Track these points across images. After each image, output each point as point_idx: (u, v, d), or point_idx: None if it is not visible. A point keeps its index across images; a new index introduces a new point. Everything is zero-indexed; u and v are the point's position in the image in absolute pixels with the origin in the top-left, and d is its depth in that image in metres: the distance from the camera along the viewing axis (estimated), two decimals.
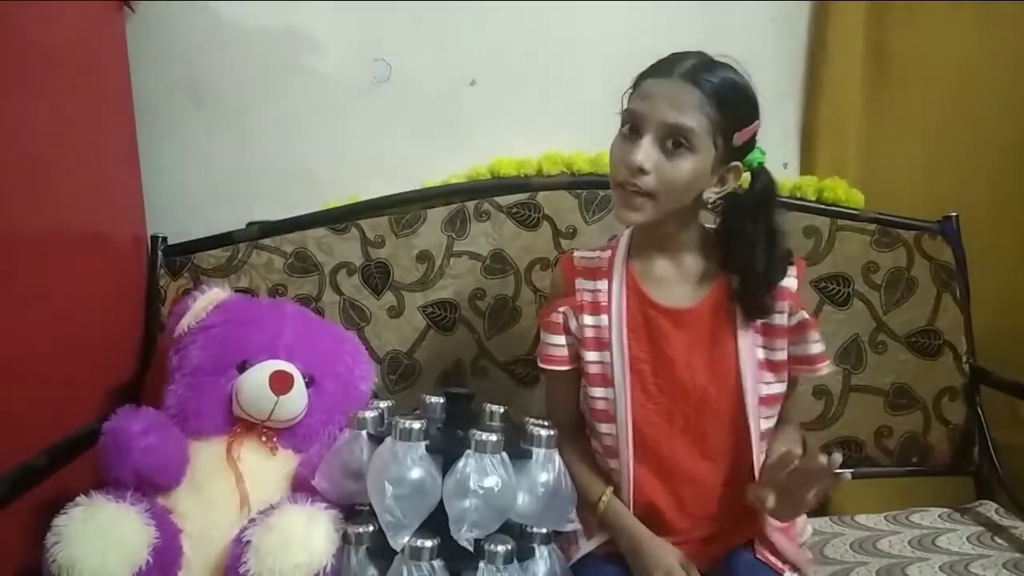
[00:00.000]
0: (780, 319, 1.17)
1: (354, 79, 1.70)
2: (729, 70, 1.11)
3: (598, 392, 1.21)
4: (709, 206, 1.18)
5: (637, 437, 1.18)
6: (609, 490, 1.20)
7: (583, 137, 1.64)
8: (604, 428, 1.21)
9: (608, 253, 1.25)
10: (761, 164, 1.17)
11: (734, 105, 1.11)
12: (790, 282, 1.19)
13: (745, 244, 1.15)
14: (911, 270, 1.66)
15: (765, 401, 1.18)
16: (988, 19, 1.79)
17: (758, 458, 1.17)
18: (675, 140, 1.08)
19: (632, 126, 1.11)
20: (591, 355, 1.21)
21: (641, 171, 1.08)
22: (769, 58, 1.79)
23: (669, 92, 1.09)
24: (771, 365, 1.18)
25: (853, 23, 1.77)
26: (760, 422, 1.18)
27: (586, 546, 1.21)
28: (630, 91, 1.15)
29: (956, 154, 1.83)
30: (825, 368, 1.19)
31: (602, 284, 1.22)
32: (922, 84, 1.81)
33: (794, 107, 1.83)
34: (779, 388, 1.19)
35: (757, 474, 1.16)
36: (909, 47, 1.80)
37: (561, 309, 1.22)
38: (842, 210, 1.66)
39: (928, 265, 1.66)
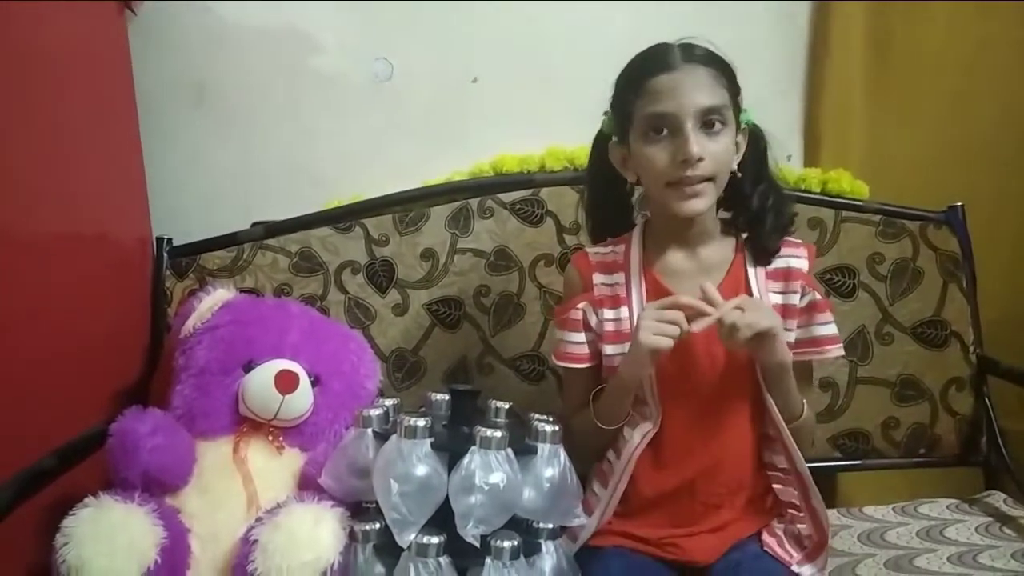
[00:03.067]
0: (793, 299, 1.18)
1: (356, 78, 1.70)
2: (701, 44, 1.15)
3: None
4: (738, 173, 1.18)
5: (659, 428, 1.18)
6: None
7: (586, 132, 1.61)
8: None
9: (622, 247, 1.25)
10: (752, 122, 1.20)
11: (729, 71, 1.15)
12: (802, 263, 1.20)
13: (758, 203, 1.18)
14: (917, 261, 1.65)
15: None
16: (989, 9, 1.78)
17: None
18: (710, 121, 1.10)
19: (657, 127, 1.11)
20: (611, 348, 1.21)
21: (699, 160, 1.09)
22: (771, 52, 1.79)
23: (688, 80, 1.11)
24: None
25: (854, 15, 1.77)
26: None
27: (590, 523, 1.19)
28: (622, 96, 1.16)
29: (960, 143, 1.82)
30: (834, 351, 1.18)
31: (619, 277, 1.22)
32: (924, 75, 1.81)
33: (797, 100, 1.82)
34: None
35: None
36: (911, 38, 1.79)
37: (580, 306, 1.22)
38: (847, 201, 1.65)
39: (934, 255, 1.65)
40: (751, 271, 1.20)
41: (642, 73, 1.14)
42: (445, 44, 1.71)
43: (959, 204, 1.66)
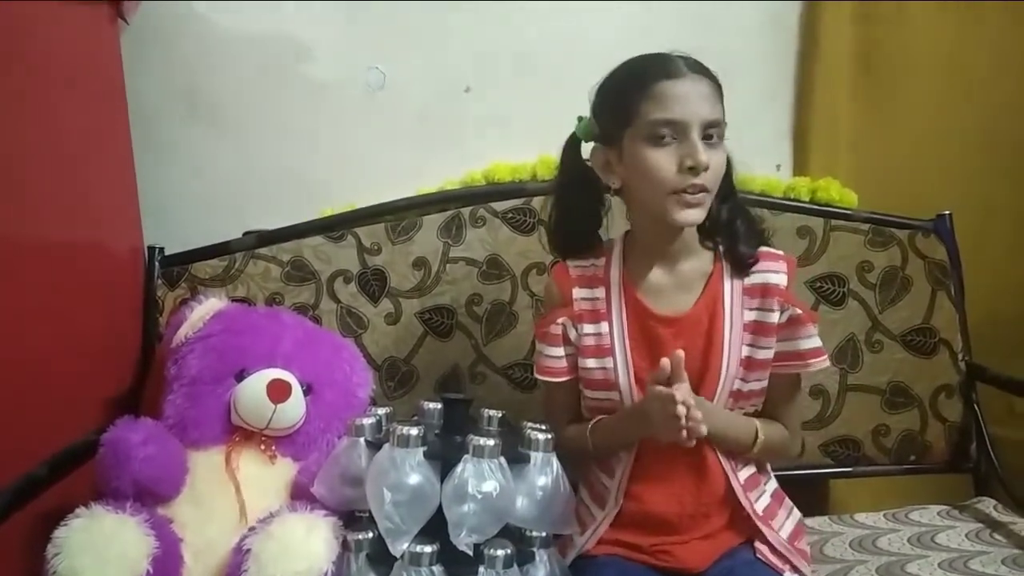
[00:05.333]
0: (771, 317, 1.18)
1: (349, 87, 1.71)
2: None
3: (601, 394, 1.21)
4: None
5: (639, 441, 1.19)
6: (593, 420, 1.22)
7: None
8: None
9: (602, 260, 1.25)
10: None
11: (721, 89, 1.16)
12: (780, 279, 1.20)
13: (727, 215, 1.19)
14: (905, 269, 1.66)
15: (736, 396, 1.19)
16: (977, 17, 1.80)
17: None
18: (710, 134, 1.12)
19: (662, 133, 1.11)
20: (591, 362, 1.21)
21: (705, 170, 1.10)
22: (760, 59, 1.80)
23: (695, 90, 1.12)
24: (752, 363, 1.18)
25: (843, 23, 1.78)
26: None
27: (580, 540, 1.21)
28: (621, 96, 1.16)
29: (948, 152, 1.84)
30: (818, 364, 1.19)
31: (599, 292, 1.22)
32: (913, 82, 1.82)
33: (786, 108, 1.83)
34: (756, 385, 1.20)
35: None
36: (899, 46, 1.81)
37: (560, 320, 1.22)
38: (836, 210, 1.66)
39: (922, 263, 1.66)
40: (727, 287, 1.20)
41: (648, 76, 1.13)
42: (438, 53, 1.72)
43: (947, 212, 1.67)
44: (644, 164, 1.13)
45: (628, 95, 1.15)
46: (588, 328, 1.21)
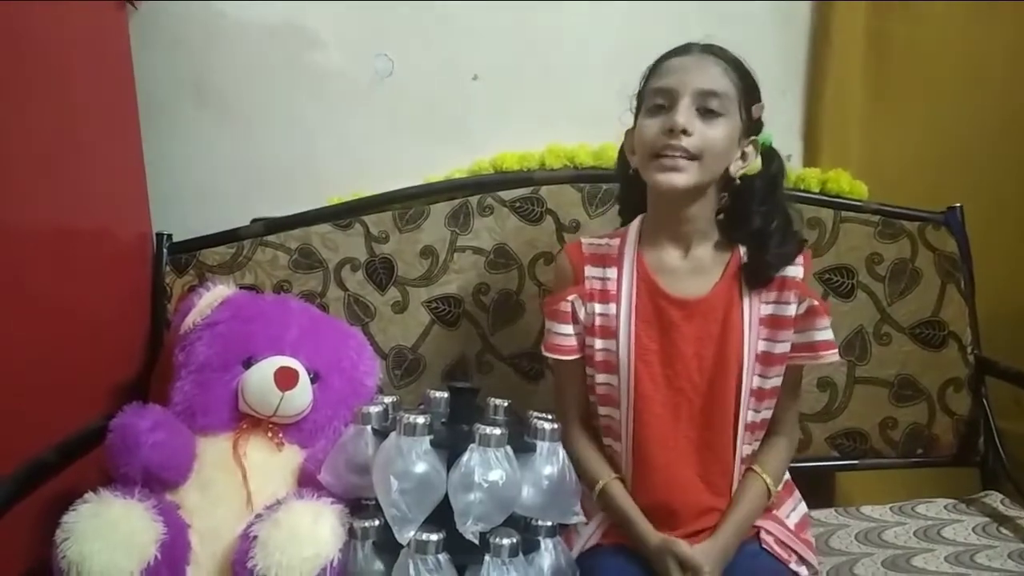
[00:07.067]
0: (788, 310, 1.17)
1: (357, 75, 1.70)
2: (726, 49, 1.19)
3: (601, 378, 1.21)
4: (737, 180, 1.18)
5: (639, 427, 1.19)
6: (608, 478, 1.20)
7: (586, 130, 1.64)
8: (604, 411, 1.23)
9: (617, 241, 1.24)
10: (771, 145, 1.20)
11: (749, 77, 1.17)
12: (796, 271, 1.19)
13: (761, 223, 1.17)
14: (915, 261, 1.65)
15: (757, 395, 1.18)
16: (990, 11, 1.79)
17: (741, 450, 1.18)
18: (708, 106, 1.12)
19: (658, 102, 1.14)
20: (598, 343, 1.21)
21: (684, 132, 1.10)
22: (772, 51, 1.79)
23: (695, 63, 1.15)
24: (769, 358, 1.18)
25: (855, 15, 1.77)
26: (748, 414, 1.18)
27: (586, 531, 1.21)
28: (645, 79, 1.20)
29: (960, 144, 1.83)
30: (830, 357, 1.18)
31: (611, 272, 1.22)
32: (924, 75, 1.81)
33: (797, 99, 1.83)
34: (774, 383, 1.19)
35: (737, 467, 1.19)
36: (911, 39, 1.80)
37: (570, 297, 1.22)
38: (846, 202, 1.66)
39: (932, 256, 1.66)
40: (743, 280, 1.19)
41: (660, 58, 1.19)
42: (446, 41, 1.71)
43: (958, 205, 1.66)
44: (637, 133, 1.17)
45: (644, 80, 1.20)
46: (597, 308, 1.21)
